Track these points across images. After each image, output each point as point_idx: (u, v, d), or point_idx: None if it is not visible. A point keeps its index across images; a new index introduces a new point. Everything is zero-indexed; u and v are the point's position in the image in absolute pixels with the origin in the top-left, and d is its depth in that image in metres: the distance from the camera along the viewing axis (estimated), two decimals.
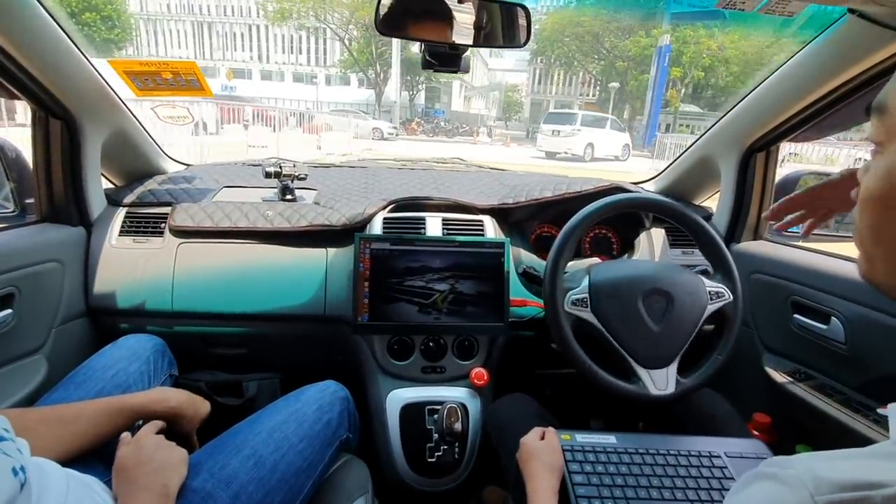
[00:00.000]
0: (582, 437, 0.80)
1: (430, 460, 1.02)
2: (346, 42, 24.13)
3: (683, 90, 24.87)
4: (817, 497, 0.29)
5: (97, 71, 1.07)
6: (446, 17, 0.92)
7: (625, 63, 23.97)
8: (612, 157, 15.35)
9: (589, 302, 0.91)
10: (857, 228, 0.37)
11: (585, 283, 0.93)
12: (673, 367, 0.89)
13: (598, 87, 30.64)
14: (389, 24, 0.93)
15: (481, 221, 1.26)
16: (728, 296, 0.93)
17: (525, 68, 38.61)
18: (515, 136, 25.98)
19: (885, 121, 0.34)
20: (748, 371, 1.20)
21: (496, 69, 46.17)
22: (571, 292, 0.92)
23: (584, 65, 26.95)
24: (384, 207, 1.26)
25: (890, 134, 0.33)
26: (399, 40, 18.20)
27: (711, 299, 0.93)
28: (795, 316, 1.08)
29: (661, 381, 0.88)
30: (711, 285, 0.94)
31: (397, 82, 22.16)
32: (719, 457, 0.79)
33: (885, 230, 0.34)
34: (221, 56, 29.36)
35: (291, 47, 29.70)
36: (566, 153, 14.79)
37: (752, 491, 0.34)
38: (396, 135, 18.88)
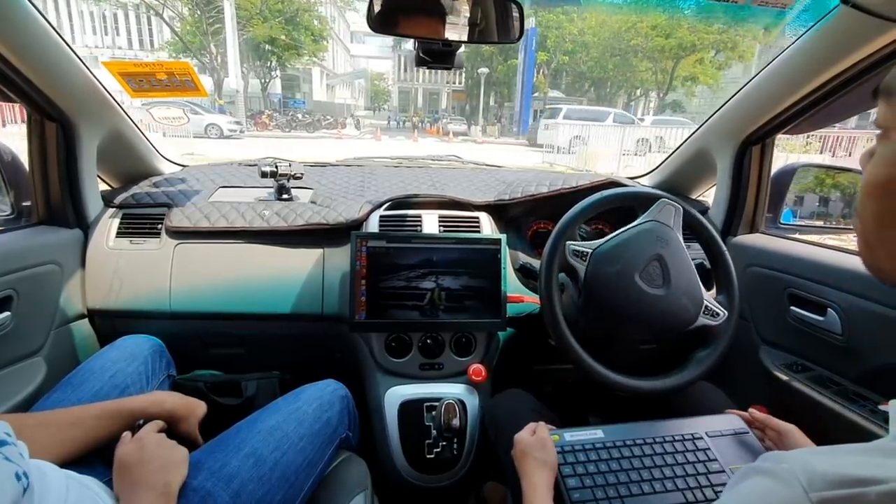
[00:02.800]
0: (570, 436, 0.80)
1: (428, 457, 1.02)
2: (167, 19, 19.50)
3: (550, 75, 24.80)
4: (811, 493, 0.28)
5: (91, 73, 1.07)
6: (440, 14, 0.92)
7: (491, 48, 23.47)
8: (624, 151, 14.30)
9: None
10: (859, 216, 0.36)
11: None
12: (707, 297, 0.90)
13: (464, 74, 29.60)
14: (383, 22, 0.92)
15: (477, 218, 1.26)
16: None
17: (389, 55, 36.32)
18: (385, 126, 24.24)
19: (893, 105, 0.33)
20: (745, 363, 1.20)
21: (359, 55, 43.27)
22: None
23: None
24: (380, 205, 1.26)
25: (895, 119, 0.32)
26: (234, 17, 15.81)
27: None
28: (792, 308, 1.08)
29: (717, 310, 0.90)
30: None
31: (236, 68, 17.80)
32: (701, 438, 0.81)
33: (890, 217, 0.33)
34: None
35: (105, 27, 23.68)
36: (551, 145, 14.25)
37: (747, 486, 0.33)
38: (241, 131, 15.47)
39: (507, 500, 1.05)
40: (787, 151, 7.99)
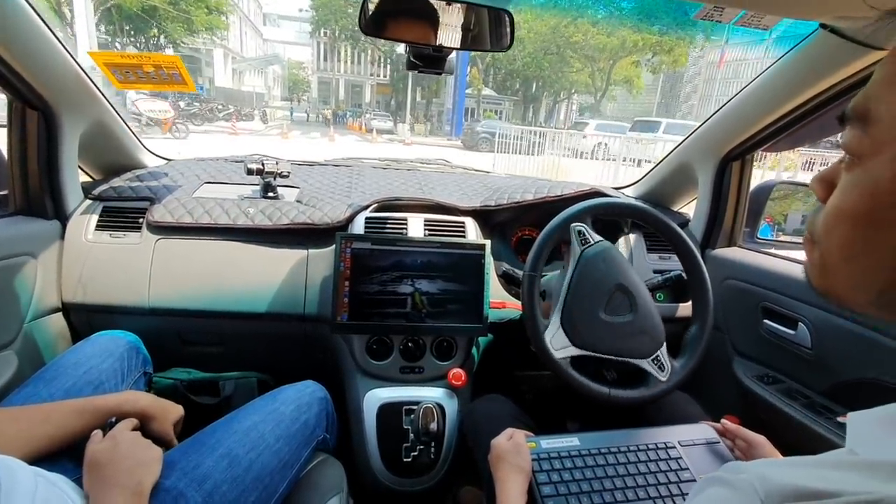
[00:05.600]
0: (546, 444, 0.81)
1: (405, 460, 1.02)
2: None
3: (483, 71, 23.48)
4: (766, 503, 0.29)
5: (76, 62, 1.05)
6: (433, 20, 0.93)
7: None
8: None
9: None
10: (820, 243, 0.35)
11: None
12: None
13: (389, 66, 27.80)
14: (375, 25, 0.92)
15: (463, 223, 1.26)
16: (667, 371, 0.93)
17: (308, 42, 33.53)
18: (298, 119, 20.90)
19: (870, 131, 0.30)
20: (719, 374, 1.23)
21: (273, 40, 40.13)
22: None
23: (373, 40, 25.49)
24: (366, 207, 1.26)
25: (876, 145, 0.30)
26: None
27: (652, 361, 0.92)
28: (765, 321, 1.11)
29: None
30: (663, 355, 0.94)
31: (91, 40, 12.69)
32: (674, 447, 0.83)
33: (863, 248, 0.31)
34: None
35: None
36: (647, 161, 13.39)
37: (705, 496, 0.34)
38: None
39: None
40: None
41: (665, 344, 0.93)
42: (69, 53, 1.03)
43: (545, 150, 9.35)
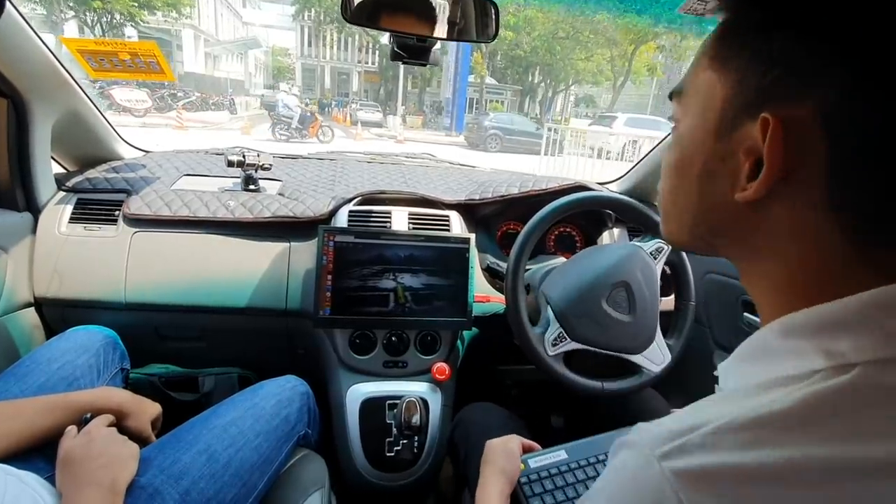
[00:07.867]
0: (535, 463, 0.79)
1: (388, 455, 1.02)
2: None
3: (487, 56, 20.56)
4: (655, 451, 0.30)
5: (48, 48, 1.02)
6: (418, 9, 0.92)
7: None
8: None
9: (566, 335, 0.92)
10: (659, 192, 0.42)
11: (550, 316, 0.94)
12: (659, 337, 0.96)
13: (378, 52, 25.86)
14: (359, 14, 0.91)
15: (447, 217, 1.26)
16: (666, 246, 1.00)
17: (291, 25, 31.34)
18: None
19: (681, 100, 0.39)
20: (700, 368, 1.24)
21: (253, 23, 37.87)
22: (546, 335, 0.93)
23: None
24: (350, 200, 1.24)
25: (683, 110, 0.39)
26: None
27: (655, 258, 0.99)
28: (745, 314, 1.13)
29: (657, 357, 0.96)
30: (649, 246, 1.00)
31: None
32: None
33: (679, 193, 0.39)
34: None
35: None
36: None
37: (615, 462, 0.35)
38: None
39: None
40: None
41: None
42: (40, 39, 0.99)
43: (566, 149, 8.42)
